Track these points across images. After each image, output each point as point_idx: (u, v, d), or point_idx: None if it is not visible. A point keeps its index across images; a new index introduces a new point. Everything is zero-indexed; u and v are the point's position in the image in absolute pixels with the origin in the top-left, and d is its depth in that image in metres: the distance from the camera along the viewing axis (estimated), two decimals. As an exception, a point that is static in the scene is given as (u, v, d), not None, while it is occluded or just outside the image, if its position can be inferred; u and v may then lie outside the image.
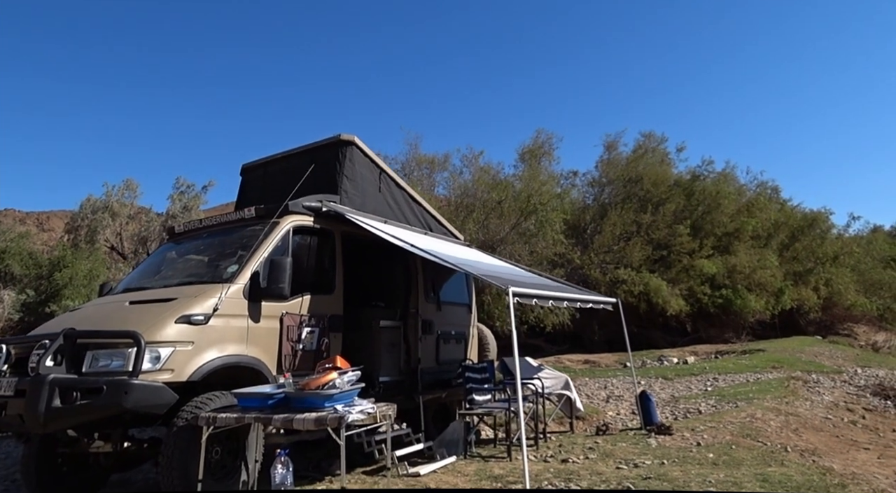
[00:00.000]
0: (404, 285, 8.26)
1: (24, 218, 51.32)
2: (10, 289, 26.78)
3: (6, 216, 49.48)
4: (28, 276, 27.09)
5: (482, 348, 9.80)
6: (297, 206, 6.73)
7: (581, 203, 27.92)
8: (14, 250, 28.19)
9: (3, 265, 27.35)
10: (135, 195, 29.31)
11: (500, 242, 21.90)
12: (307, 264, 6.75)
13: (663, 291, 22.93)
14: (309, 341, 6.40)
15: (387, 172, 8.46)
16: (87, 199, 28.68)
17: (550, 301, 7.12)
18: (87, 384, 4.83)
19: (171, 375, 5.06)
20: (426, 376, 8.13)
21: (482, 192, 22.97)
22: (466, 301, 9.59)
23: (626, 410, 11.55)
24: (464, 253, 8.72)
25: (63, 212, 48.45)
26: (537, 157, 24.41)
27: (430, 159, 24.30)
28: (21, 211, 53.37)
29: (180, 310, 5.33)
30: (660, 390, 13.88)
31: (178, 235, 7.60)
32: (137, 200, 29.81)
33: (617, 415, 11.08)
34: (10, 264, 27.27)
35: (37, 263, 27.56)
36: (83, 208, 28.57)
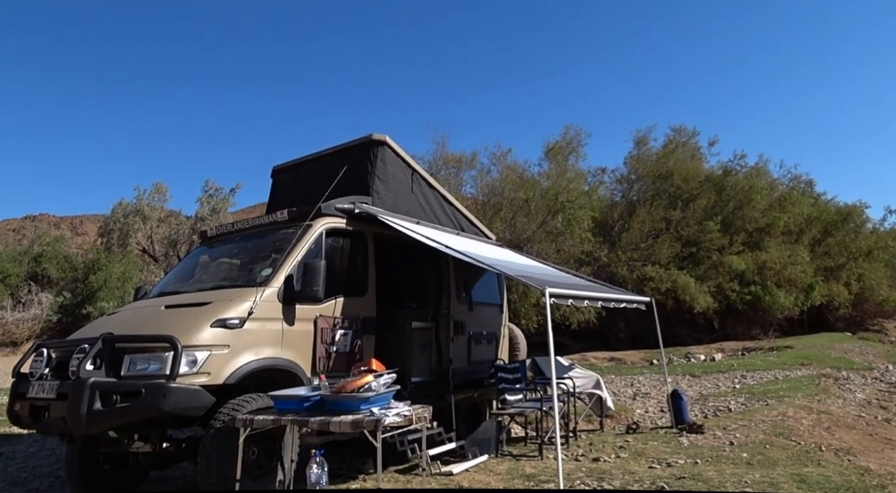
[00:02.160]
0: (436, 286, 8.28)
1: (58, 222, 52.35)
2: (48, 291, 27.43)
3: (41, 221, 50.56)
4: (64, 279, 27.74)
5: (513, 347, 9.80)
6: (330, 208, 6.76)
7: (609, 200, 27.78)
8: (50, 253, 28.89)
9: (41, 269, 28.01)
10: (164, 199, 29.83)
11: (527, 240, 21.88)
12: (340, 266, 6.80)
13: (691, 288, 22.74)
14: (343, 344, 6.46)
15: (419, 173, 8.45)
16: (119, 203, 29.25)
17: (586, 301, 7.09)
18: (127, 388, 4.95)
19: (208, 378, 5.15)
20: (458, 376, 8.15)
21: (509, 190, 22.96)
22: (498, 302, 9.59)
23: (655, 408, 11.51)
24: (496, 253, 8.73)
25: (96, 216, 49.34)
26: (565, 153, 24.34)
27: (458, 158, 24.34)
28: (55, 215, 54.47)
29: (216, 314, 5.41)
30: (687, 387, 13.83)
31: (210, 238, 7.68)
32: (167, 203, 30.33)
33: (645, 413, 11.06)
34: (47, 267, 27.93)
35: (72, 266, 28.21)
36: (115, 212, 29.16)
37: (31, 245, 30.34)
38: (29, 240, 32.17)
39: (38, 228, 41.78)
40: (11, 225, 50.76)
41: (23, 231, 44.47)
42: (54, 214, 54.97)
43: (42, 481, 7.15)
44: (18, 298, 26.82)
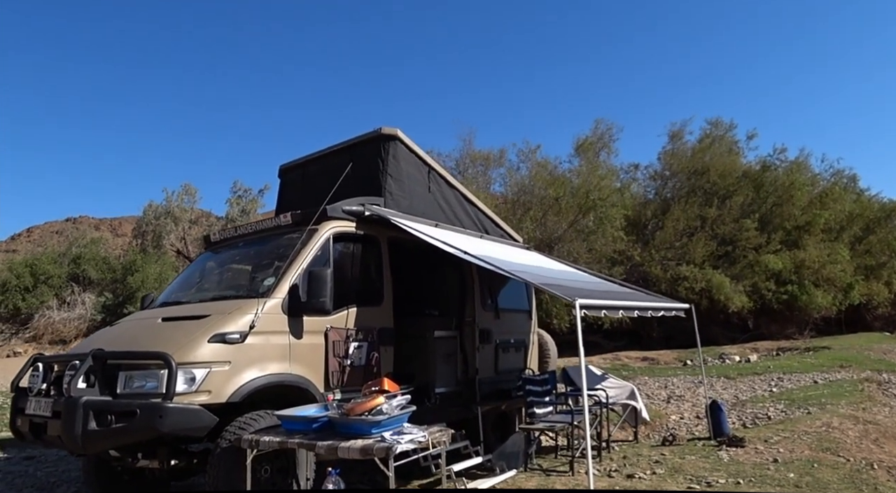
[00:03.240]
0: (460, 292, 7.94)
1: (98, 224, 53.31)
2: (90, 292, 27.89)
3: (82, 223, 51.49)
4: (104, 280, 28.19)
5: (542, 354, 9.42)
6: (337, 211, 6.30)
7: (642, 198, 27.15)
8: (88, 255, 29.37)
9: (81, 270, 28.49)
10: (194, 200, 30.04)
11: (558, 240, 21.50)
12: (351, 274, 6.44)
13: (726, 288, 22.13)
14: (357, 357, 6.11)
15: (436, 170, 7.98)
16: (149, 205, 29.56)
17: (621, 311, 6.65)
18: (121, 408, 4.67)
19: (209, 396, 4.84)
20: (484, 386, 7.82)
21: (539, 188, 22.57)
22: (526, 308, 9.21)
23: (690, 412, 11.02)
24: (523, 257, 8.36)
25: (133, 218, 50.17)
26: (596, 149, 23.79)
27: (485, 155, 23.97)
28: (95, 217, 55.43)
29: (213, 328, 5.07)
30: (722, 389, 13.31)
31: (214, 244, 7.34)
32: (197, 204, 30.52)
33: (680, 419, 10.56)
34: (87, 268, 28.39)
35: (110, 267, 28.67)
36: (146, 214, 29.50)
37: (69, 247, 30.83)
38: (68, 242, 32.70)
39: (79, 229, 42.56)
40: (54, 227, 51.81)
41: (65, 233, 45.26)
42: (94, 216, 55.91)
43: (69, 486, 7.04)
44: (63, 298, 27.34)
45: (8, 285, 26.52)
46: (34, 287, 26.69)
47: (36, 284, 26.78)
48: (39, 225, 53.14)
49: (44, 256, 28.87)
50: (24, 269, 26.93)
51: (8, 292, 26.43)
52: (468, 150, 24.10)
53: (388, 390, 5.02)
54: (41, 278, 26.94)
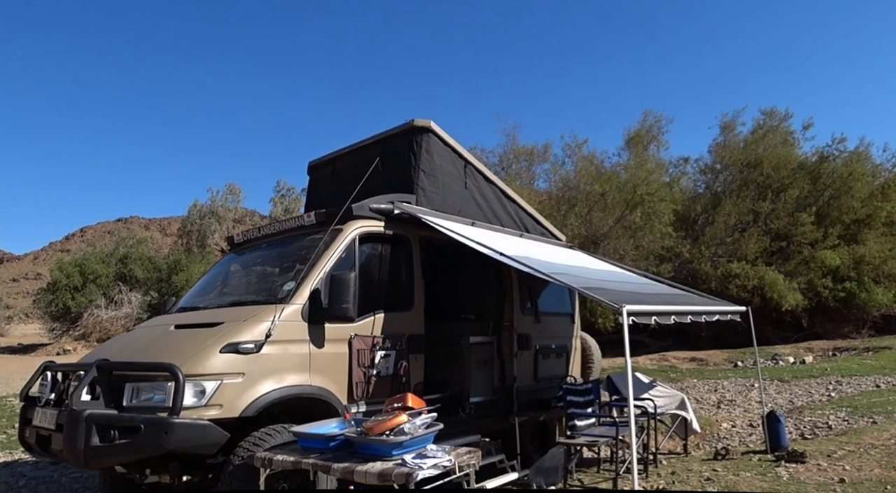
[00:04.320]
0: (497, 295, 7.50)
1: (147, 224, 54.62)
2: (136, 291, 28.34)
3: (132, 223, 52.81)
4: (150, 279, 28.61)
5: (586, 360, 8.91)
6: (363, 209, 5.91)
7: (692, 192, 26.20)
8: (135, 255, 29.84)
9: (127, 270, 28.95)
10: (238, 199, 30.21)
11: (604, 236, 20.91)
12: (379, 277, 6.03)
13: (780, 285, 21.13)
14: (384, 366, 5.73)
15: (473, 165, 7.49)
16: (194, 204, 29.85)
17: (672, 317, 6.09)
18: (125, 422, 4.38)
19: (220, 410, 4.53)
20: (522, 395, 7.38)
21: (585, 184, 21.99)
22: (569, 310, 8.71)
23: (742, 420, 10.34)
24: (565, 257, 7.84)
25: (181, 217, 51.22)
26: (644, 142, 22.98)
27: (530, 150, 23.43)
28: (145, 218, 56.77)
29: (226, 337, 4.75)
30: (776, 393, 12.55)
31: (238, 245, 7.03)
32: (241, 203, 30.70)
33: (732, 428, 9.91)
34: (133, 268, 28.84)
35: (156, 266, 29.06)
36: (191, 214, 29.78)
37: (116, 247, 31.37)
38: (114, 242, 33.30)
39: (130, 229, 43.52)
40: (106, 227, 53.28)
41: (116, 233, 46.35)
42: (144, 216, 57.25)
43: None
44: (111, 297, 27.82)
45: (58, 285, 27.09)
46: (83, 286, 27.20)
47: (85, 283, 27.29)
48: (92, 225, 54.65)
49: (92, 255, 29.42)
50: (73, 268, 27.47)
51: (58, 291, 27.00)
52: (512, 145, 23.64)
53: (412, 407, 4.62)
54: (90, 278, 27.44)
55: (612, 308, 5.24)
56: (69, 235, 49.66)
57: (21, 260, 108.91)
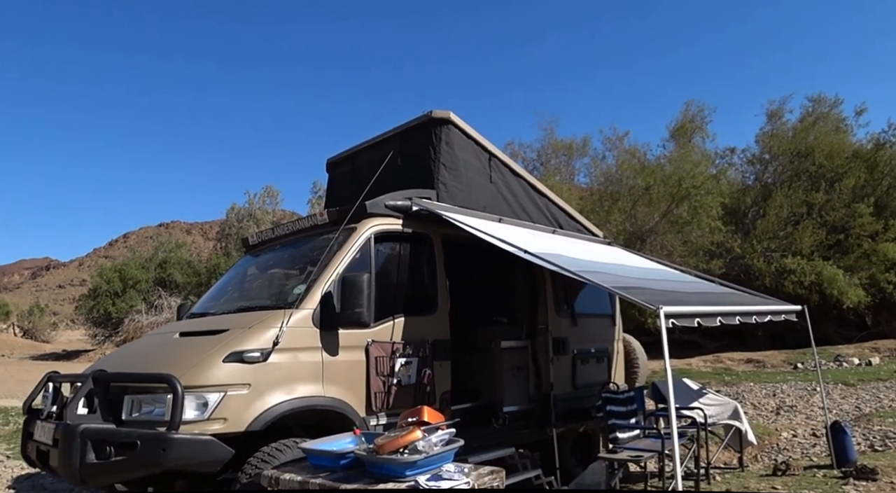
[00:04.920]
0: (530, 295, 6.98)
1: (189, 228, 55.38)
2: (175, 296, 28.47)
3: (174, 228, 53.62)
4: (189, 283, 28.70)
5: (630, 364, 8.26)
6: (378, 206, 5.50)
7: (740, 184, 25.08)
8: (174, 259, 29.98)
9: (166, 274, 29.08)
10: (276, 202, 30.13)
11: (650, 232, 20.11)
12: (398, 279, 5.61)
13: (839, 281, 19.97)
14: (405, 374, 5.26)
15: (498, 157, 7.00)
16: (232, 207, 29.88)
17: (718, 319, 5.47)
18: (121, 438, 4.06)
19: (224, 425, 4.17)
20: (560, 403, 6.83)
21: (627, 177, 21.22)
22: (608, 311, 8.09)
23: (804, 428, 9.49)
24: (602, 254, 7.24)
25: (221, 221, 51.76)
26: (688, 133, 22.03)
27: (568, 144, 22.74)
28: (186, 222, 57.58)
29: (230, 346, 4.39)
30: (840, 399, 11.60)
31: (253, 247, 6.68)
32: (279, 205, 30.60)
33: (793, 437, 9.07)
34: (172, 272, 28.94)
35: (195, 270, 29.15)
36: (229, 217, 29.80)
37: (155, 252, 31.59)
38: (153, 247, 33.59)
39: (172, 234, 44.03)
40: (148, 232, 54.18)
41: (158, 238, 47.02)
42: (185, 221, 58.07)
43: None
44: (151, 302, 27.98)
45: (99, 291, 27.32)
46: (123, 292, 27.39)
47: (125, 288, 27.48)
48: (135, 231, 55.65)
49: (131, 261, 29.64)
50: (113, 274, 27.70)
51: (99, 297, 27.24)
52: (550, 139, 22.91)
53: (428, 422, 4.09)
54: (130, 283, 27.62)
55: (648, 309, 4.66)
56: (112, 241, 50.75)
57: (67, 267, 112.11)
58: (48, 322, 40.12)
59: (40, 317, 39.04)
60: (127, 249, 46.96)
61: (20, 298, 68.98)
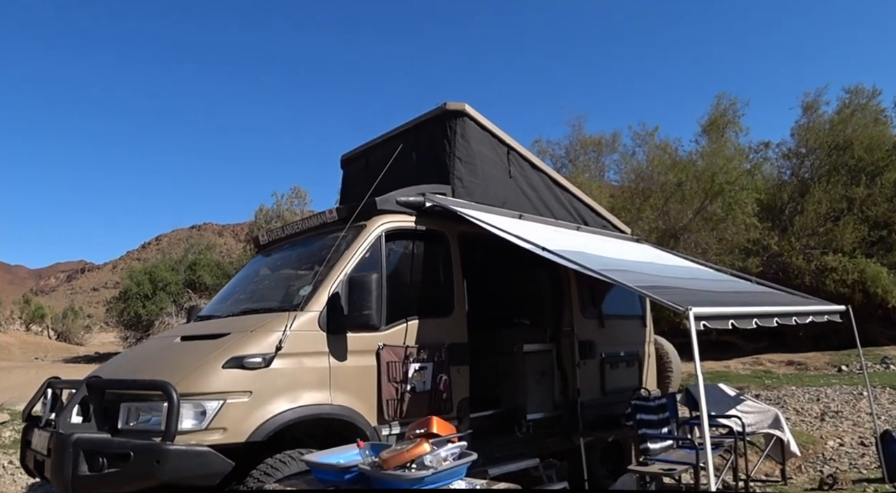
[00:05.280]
0: (554, 296, 6.65)
1: (221, 230, 55.81)
2: (205, 298, 28.54)
3: (206, 230, 54.09)
4: (219, 285, 28.73)
5: (663, 368, 7.85)
6: (389, 202, 5.24)
7: (776, 179, 24.25)
8: (203, 261, 30.07)
9: (196, 276, 29.15)
10: (304, 203, 30.01)
11: (683, 230, 19.54)
12: (411, 279, 5.33)
13: (883, 279, 19.11)
14: (420, 380, 4.98)
15: (517, 151, 6.67)
16: (260, 209, 29.85)
17: (755, 321, 5.08)
18: (114, 449, 3.86)
19: (223, 435, 3.94)
20: (588, 410, 6.45)
21: (659, 174, 20.63)
22: (638, 312, 7.69)
23: (851, 435, 8.92)
24: (631, 253, 6.87)
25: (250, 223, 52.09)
26: (720, 127, 21.37)
27: (597, 141, 22.26)
28: (218, 224, 58.05)
29: (230, 350, 4.16)
30: (889, 404, 10.94)
31: (264, 246, 6.45)
32: (307, 207, 30.47)
33: (840, 446, 8.51)
34: (202, 274, 29.00)
35: (224, 272, 29.16)
36: (257, 218, 29.81)
37: (185, 254, 31.73)
38: (183, 249, 33.78)
39: (204, 236, 44.33)
40: (180, 235, 54.70)
41: (190, 240, 47.42)
42: (217, 223, 58.56)
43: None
44: (180, 304, 28.08)
45: (129, 293, 27.48)
46: (153, 294, 27.50)
47: (155, 291, 27.59)
48: (167, 233, 56.19)
49: (161, 263, 29.80)
50: (143, 276, 27.84)
51: (129, 299, 27.40)
52: (578, 136, 22.46)
53: (438, 434, 3.77)
54: (159, 285, 27.72)
55: (676, 310, 4.28)
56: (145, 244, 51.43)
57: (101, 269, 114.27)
58: (82, 325, 40.62)
59: (74, 320, 39.58)
60: (159, 251, 47.41)
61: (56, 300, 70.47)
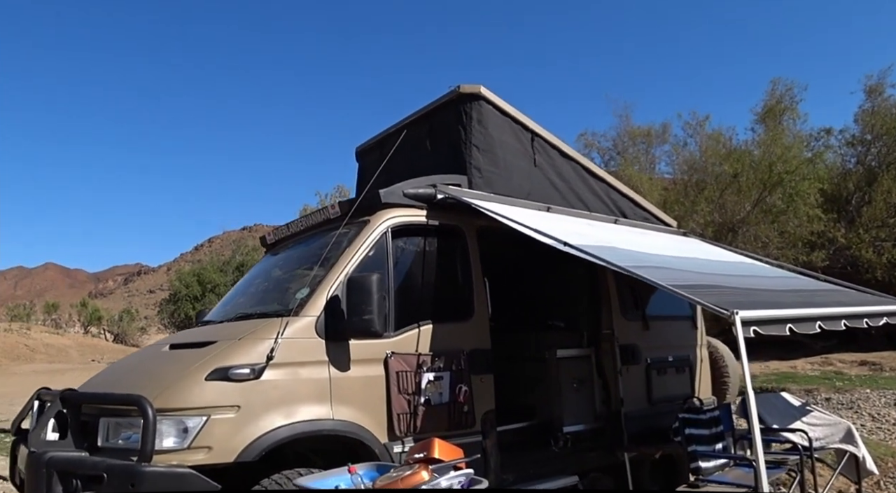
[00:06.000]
0: (591, 296, 6.08)
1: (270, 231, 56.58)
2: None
3: (257, 231, 54.71)
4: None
5: (717, 374, 7.13)
6: (395, 195, 4.77)
7: (840, 168, 22.99)
8: (251, 262, 30.19)
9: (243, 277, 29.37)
10: (347, 202, 29.91)
11: (741, 223, 18.59)
12: (423, 279, 4.84)
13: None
14: (435, 392, 4.49)
15: (542, 137, 6.11)
16: (304, 208, 29.81)
17: (818, 324, 4.40)
18: (87, 470, 3.52)
19: (207, 455, 3.56)
20: (633, 422, 5.86)
21: (713, 165, 19.69)
22: (688, 312, 6.98)
23: (938, 449, 8.00)
24: (674, 248, 6.22)
25: (296, 223, 52.45)
26: (777, 115, 20.26)
27: (646, 131, 21.46)
28: (269, 225, 58.69)
29: (215, 360, 3.78)
30: (975, 412, 9.94)
31: (271, 246, 6.06)
32: (352, 206, 30.41)
33: (924, 459, 7.63)
34: (248, 275, 29.22)
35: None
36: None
37: (233, 255, 31.99)
38: (231, 251, 34.11)
39: (254, 237, 44.85)
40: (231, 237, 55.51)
41: (240, 241, 48.01)
42: (268, 224, 59.20)
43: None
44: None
45: (178, 295, 27.81)
46: (202, 296, 27.76)
47: (204, 292, 27.84)
48: (219, 235, 57.04)
49: (209, 265, 30.09)
50: (191, 278, 28.17)
51: (179, 301, 27.76)
52: (626, 127, 21.64)
53: (440, 459, 3.25)
54: (208, 287, 27.97)
55: (720, 314, 3.63)
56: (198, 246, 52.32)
57: (156, 272, 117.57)
58: (137, 327, 41.55)
59: (129, 322, 40.48)
60: (211, 253, 48.22)
61: (113, 303, 72.45)
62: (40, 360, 31.26)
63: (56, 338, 36.08)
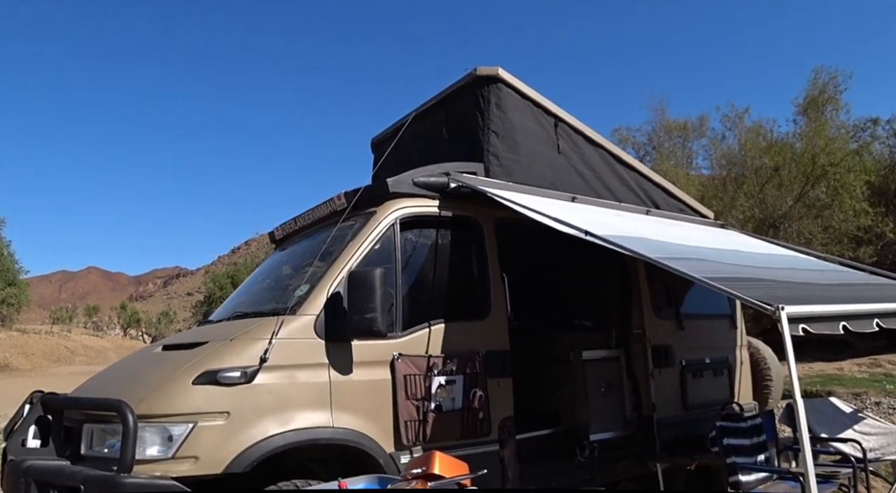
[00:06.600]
0: (621, 293, 5.73)
1: (308, 233, 57.46)
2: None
3: (293, 233, 55.43)
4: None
5: (759, 378, 6.66)
6: (404, 184, 4.46)
7: (888, 159, 22.07)
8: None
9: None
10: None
11: (783, 218, 18.06)
12: (435, 275, 4.51)
13: None
14: (447, 397, 4.19)
15: (567, 122, 5.74)
16: (333, 210, 30.03)
17: (876, 321, 3.94)
18: (64, 480, 3.33)
19: (194, 465, 3.33)
20: (666, 429, 5.50)
21: (753, 158, 19.14)
22: (726, 311, 6.54)
23: None
24: (711, 240, 5.80)
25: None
26: (819, 106, 19.53)
27: (682, 125, 20.93)
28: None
29: (203, 363, 3.53)
30: None
31: (279, 241, 5.81)
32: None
33: None
34: (286, 278, 29.41)
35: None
36: (331, 219, 30.11)
37: (265, 258, 32.18)
38: (265, 253, 34.29)
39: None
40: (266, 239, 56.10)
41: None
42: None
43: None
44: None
45: (212, 297, 28.00)
46: (236, 298, 27.98)
47: (237, 295, 28.05)
48: (255, 238, 57.68)
49: (243, 267, 30.25)
50: (225, 280, 28.36)
51: (213, 303, 27.88)
52: (661, 120, 21.15)
53: (441, 475, 2.92)
54: (241, 289, 28.16)
55: (764, 310, 3.21)
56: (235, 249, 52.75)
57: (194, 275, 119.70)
58: (174, 329, 42.20)
59: (167, 324, 41.08)
60: (249, 255, 48.74)
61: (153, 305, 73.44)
62: (80, 362, 31.81)
63: (95, 340, 36.73)
